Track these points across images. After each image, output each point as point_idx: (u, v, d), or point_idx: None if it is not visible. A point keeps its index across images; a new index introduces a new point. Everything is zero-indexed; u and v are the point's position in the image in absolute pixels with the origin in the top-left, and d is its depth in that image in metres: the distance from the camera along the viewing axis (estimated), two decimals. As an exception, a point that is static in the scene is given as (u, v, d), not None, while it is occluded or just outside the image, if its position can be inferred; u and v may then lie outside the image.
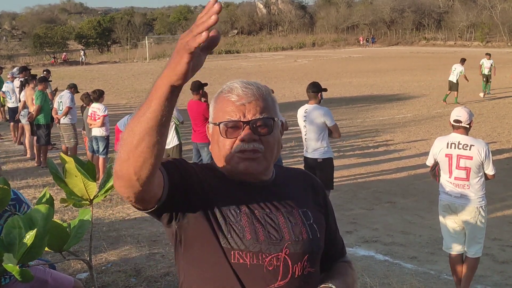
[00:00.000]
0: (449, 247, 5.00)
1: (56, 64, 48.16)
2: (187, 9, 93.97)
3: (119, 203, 7.96)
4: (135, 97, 22.10)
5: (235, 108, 1.54)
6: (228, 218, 1.51)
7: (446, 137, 4.96)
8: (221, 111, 1.57)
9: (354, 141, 12.56)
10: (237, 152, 1.54)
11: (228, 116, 1.55)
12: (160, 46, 63.20)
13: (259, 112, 1.55)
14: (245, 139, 1.53)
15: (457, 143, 4.80)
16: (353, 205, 7.98)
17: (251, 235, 1.50)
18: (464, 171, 4.78)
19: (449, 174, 4.88)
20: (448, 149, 4.84)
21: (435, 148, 5.01)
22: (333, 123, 6.63)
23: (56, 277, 3.79)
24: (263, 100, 1.57)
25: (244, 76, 30.06)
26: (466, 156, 4.75)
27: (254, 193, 1.58)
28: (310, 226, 1.60)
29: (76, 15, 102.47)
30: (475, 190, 4.81)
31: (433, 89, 22.16)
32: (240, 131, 1.54)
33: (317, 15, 79.97)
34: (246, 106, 1.54)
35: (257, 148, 1.54)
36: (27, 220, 2.14)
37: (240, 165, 1.55)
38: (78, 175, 2.51)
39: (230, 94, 1.57)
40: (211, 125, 1.61)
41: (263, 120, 1.55)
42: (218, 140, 1.58)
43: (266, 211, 1.56)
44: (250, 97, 1.56)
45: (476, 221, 4.84)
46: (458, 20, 64.59)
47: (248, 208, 1.54)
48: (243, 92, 1.56)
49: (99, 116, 9.17)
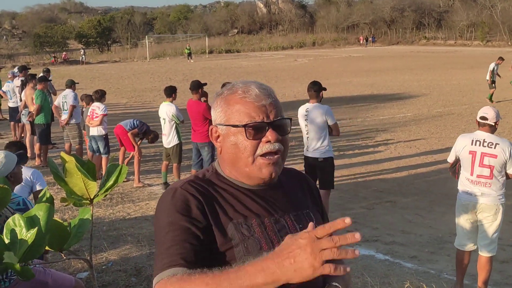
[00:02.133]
0: (463, 244, 5.01)
1: (56, 63, 48.14)
2: (187, 8, 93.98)
3: (120, 203, 7.96)
4: (135, 96, 22.09)
5: (257, 109, 1.51)
6: (243, 235, 1.49)
7: (471, 135, 4.92)
8: (240, 112, 1.52)
9: (354, 140, 12.56)
10: (262, 155, 1.52)
11: (250, 118, 1.51)
12: (160, 46, 63.22)
13: (278, 112, 1.54)
14: (271, 140, 1.51)
15: (482, 141, 4.78)
16: (353, 204, 7.98)
17: (268, 245, 1.49)
18: (488, 169, 4.76)
19: (471, 172, 4.84)
20: (473, 146, 4.81)
21: (458, 145, 4.97)
22: (334, 121, 6.65)
23: (56, 277, 3.79)
24: (276, 100, 1.57)
25: (244, 75, 30.05)
26: (490, 154, 4.73)
27: (261, 198, 1.58)
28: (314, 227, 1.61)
29: (76, 14, 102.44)
30: (497, 189, 4.80)
31: (433, 89, 22.15)
32: (264, 132, 1.51)
33: (317, 14, 79.96)
34: (267, 107, 1.52)
35: (279, 149, 1.53)
36: (27, 219, 2.15)
37: (264, 170, 1.52)
38: (79, 174, 2.51)
39: (247, 94, 1.52)
40: (223, 127, 1.55)
41: (284, 121, 1.55)
42: (237, 142, 1.52)
43: (275, 217, 1.56)
44: (268, 98, 1.53)
45: (495, 220, 4.86)
46: (459, 19, 64.57)
47: (258, 217, 1.53)
48: (261, 92, 1.53)
49: (97, 115, 9.16)
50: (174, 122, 8.41)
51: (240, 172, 1.56)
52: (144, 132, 9.29)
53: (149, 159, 10.80)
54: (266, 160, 1.52)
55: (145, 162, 10.50)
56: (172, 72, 34.22)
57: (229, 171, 1.59)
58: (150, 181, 9.32)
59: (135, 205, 7.89)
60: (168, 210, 1.49)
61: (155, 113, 9.46)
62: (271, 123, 1.51)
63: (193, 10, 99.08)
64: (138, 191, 8.66)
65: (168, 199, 1.52)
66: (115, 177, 2.60)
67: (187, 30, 75.41)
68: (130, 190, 8.71)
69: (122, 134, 9.20)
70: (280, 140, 1.53)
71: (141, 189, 8.81)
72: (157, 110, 8.94)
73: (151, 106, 18.36)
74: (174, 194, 1.52)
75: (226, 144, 1.55)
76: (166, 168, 8.81)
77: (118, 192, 8.42)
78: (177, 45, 61.21)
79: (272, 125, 1.51)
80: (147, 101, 20.54)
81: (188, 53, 48.15)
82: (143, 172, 9.45)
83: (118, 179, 2.62)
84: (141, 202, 8.04)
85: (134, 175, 9.00)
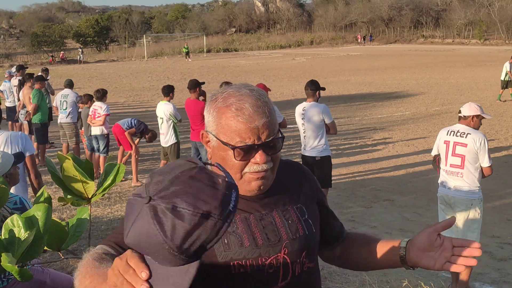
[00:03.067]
0: None
1: (54, 63, 48.07)
2: (184, 8, 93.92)
3: (117, 202, 7.96)
4: (133, 95, 22.08)
5: (248, 131, 1.46)
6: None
7: (449, 127, 5.19)
8: (231, 131, 1.47)
9: (352, 139, 12.57)
10: (249, 172, 1.50)
11: (241, 139, 1.46)
12: (158, 45, 63.17)
13: (271, 131, 1.49)
14: (259, 162, 1.48)
15: (456, 131, 5.04)
16: (351, 203, 7.99)
17: (250, 242, 1.49)
18: (459, 158, 4.96)
19: (445, 162, 5.08)
20: (447, 136, 5.09)
21: (438, 137, 5.26)
22: (331, 120, 6.66)
23: (54, 277, 3.79)
24: (271, 115, 1.50)
25: (242, 74, 30.05)
26: (461, 143, 4.95)
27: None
28: (305, 222, 1.60)
29: (73, 13, 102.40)
30: (470, 181, 4.93)
31: (431, 87, 22.18)
32: (253, 153, 1.48)
33: (315, 13, 80.00)
34: (259, 129, 1.47)
35: (268, 168, 1.51)
36: (26, 219, 2.14)
37: (252, 184, 1.51)
38: (76, 173, 2.51)
39: (240, 113, 1.46)
40: (212, 136, 1.52)
41: (275, 141, 1.50)
42: (226, 158, 1.50)
43: (262, 213, 1.55)
44: (262, 117, 1.47)
45: (469, 215, 4.93)
46: (456, 17, 64.63)
47: (243, 212, 1.52)
48: (255, 112, 1.46)
49: (99, 115, 9.16)
50: (171, 121, 8.41)
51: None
52: (141, 131, 9.29)
53: (147, 158, 10.80)
54: (255, 175, 1.50)
55: (143, 161, 10.50)
56: (170, 71, 34.20)
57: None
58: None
59: (133, 204, 7.88)
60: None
61: (153, 112, 9.45)
62: (261, 144, 1.48)
63: (191, 9, 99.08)
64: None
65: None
66: (113, 177, 2.60)
67: (185, 29, 75.40)
68: (128, 189, 8.71)
69: (119, 133, 9.20)
70: (270, 160, 1.50)
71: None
72: (155, 109, 8.94)
73: (149, 105, 18.35)
74: None
75: (215, 154, 1.54)
76: (164, 167, 8.79)
77: (116, 191, 8.42)
78: (175, 44, 61.19)
79: (262, 146, 1.48)
80: (145, 100, 20.53)
81: (186, 52, 48.14)
82: (141, 171, 9.44)
83: (116, 178, 2.62)
84: (139, 201, 8.02)
85: (132, 174, 8.99)
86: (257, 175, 1.50)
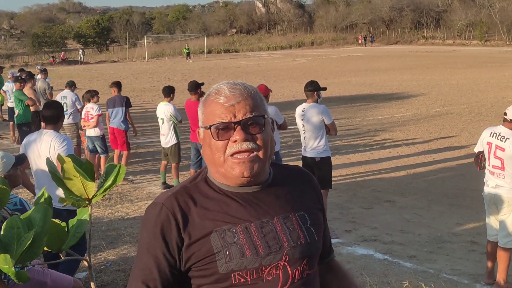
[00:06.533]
0: (490, 234, 5.27)
1: (55, 63, 48.10)
2: (185, 8, 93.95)
3: (118, 202, 7.96)
4: (134, 96, 22.04)
5: (224, 110, 1.51)
6: (226, 241, 1.49)
7: (493, 128, 5.22)
8: (211, 114, 1.53)
9: (353, 140, 12.56)
10: (231, 155, 1.51)
11: (218, 118, 1.51)
12: (159, 45, 63.17)
13: (249, 111, 1.51)
14: (238, 139, 1.50)
15: (498, 134, 5.07)
16: (352, 204, 7.98)
17: (251, 251, 1.48)
18: (499, 161, 5.02)
19: (488, 162, 5.15)
20: (490, 138, 5.13)
21: (481, 136, 5.30)
22: (331, 120, 6.64)
23: (55, 278, 3.79)
24: (252, 98, 1.54)
25: (243, 75, 30.06)
26: (500, 147, 5.00)
27: (249, 201, 1.55)
28: (307, 230, 1.58)
29: (74, 14, 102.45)
30: (510, 181, 4.98)
31: (432, 88, 22.17)
32: (231, 132, 1.50)
33: (316, 14, 79.98)
34: (235, 107, 1.51)
35: (251, 148, 1.51)
36: (25, 220, 2.14)
37: (236, 169, 1.51)
38: (77, 174, 2.51)
39: (218, 96, 1.53)
40: (202, 129, 1.58)
41: (254, 118, 1.52)
42: (210, 144, 1.54)
43: (263, 220, 1.53)
44: (238, 97, 1.52)
45: (510, 212, 5.00)
46: (457, 19, 64.59)
47: (243, 222, 1.51)
48: (230, 92, 1.52)
49: (92, 116, 9.13)
50: (172, 122, 8.41)
51: (219, 173, 1.56)
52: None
53: (148, 159, 10.80)
54: (236, 159, 1.51)
55: (144, 161, 10.50)
56: (171, 72, 34.21)
57: (213, 173, 1.59)
58: (149, 181, 9.32)
59: (133, 205, 7.89)
60: (152, 228, 1.54)
61: (154, 112, 9.46)
62: (238, 122, 1.50)
63: (192, 10, 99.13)
64: (136, 191, 8.66)
65: (153, 215, 1.55)
66: (113, 177, 2.59)
67: (185, 30, 75.38)
68: (129, 190, 8.71)
69: (119, 133, 9.23)
70: (251, 139, 1.51)
71: (139, 189, 8.81)
72: (155, 110, 8.95)
73: (149, 106, 18.36)
74: (159, 212, 1.54)
75: (204, 146, 1.58)
76: (165, 168, 8.82)
77: (116, 192, 8.42)
78: (175, 45, 61.18)
79: (240, 124, 1.50)
80: (145, 101, 20.54)
81: (187, 53, 48.15)
82: (141, 172, 9.45)
83: (117, 179, 2.61)
84: (139, 202, 8.03)
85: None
86: (239, 159, 1.51)
